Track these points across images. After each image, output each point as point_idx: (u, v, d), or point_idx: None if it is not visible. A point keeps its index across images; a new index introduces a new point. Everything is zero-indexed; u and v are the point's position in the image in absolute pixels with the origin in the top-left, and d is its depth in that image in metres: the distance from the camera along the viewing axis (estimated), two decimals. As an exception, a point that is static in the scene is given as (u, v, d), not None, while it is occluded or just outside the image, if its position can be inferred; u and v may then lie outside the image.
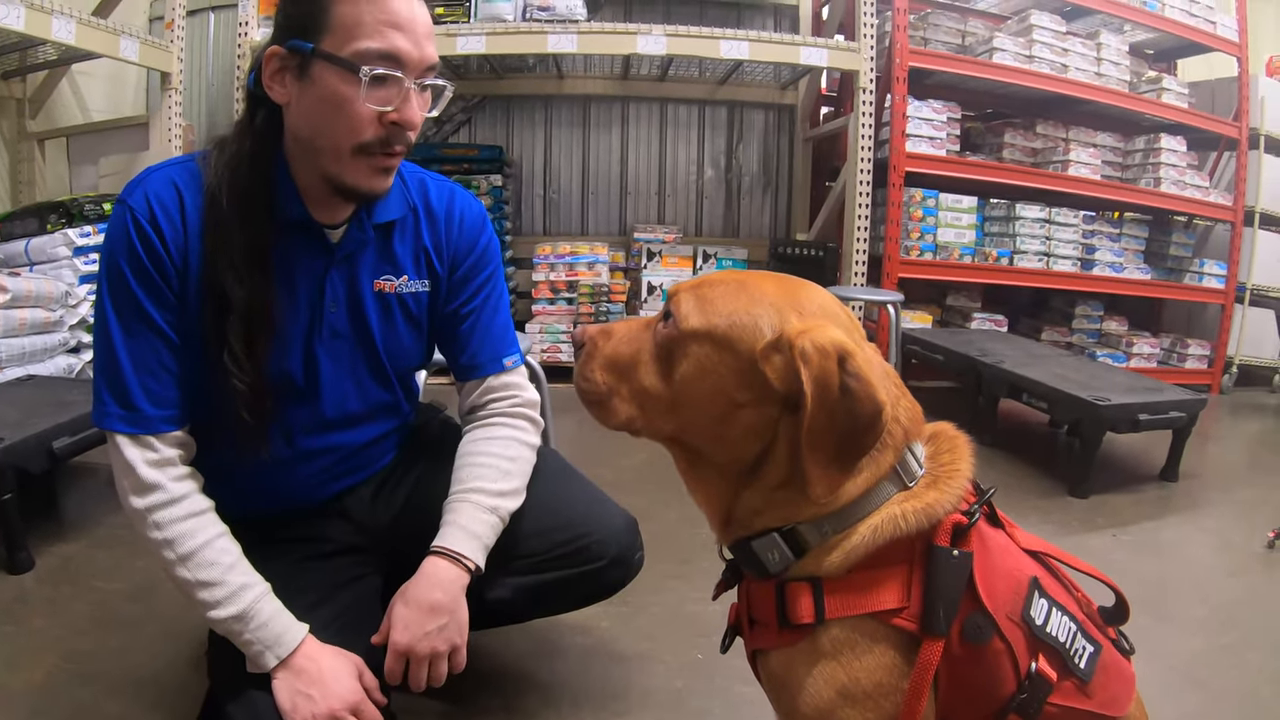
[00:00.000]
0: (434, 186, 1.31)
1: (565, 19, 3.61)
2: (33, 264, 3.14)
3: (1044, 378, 2.96)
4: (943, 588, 0.75)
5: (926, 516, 0.77)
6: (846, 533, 0.78)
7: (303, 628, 1.12)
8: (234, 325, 1.07)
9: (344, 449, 1.29)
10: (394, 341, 1.28)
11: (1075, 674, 0.79)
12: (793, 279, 0.85)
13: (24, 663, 1.53)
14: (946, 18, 4.19)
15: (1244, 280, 4.52)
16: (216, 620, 1.08)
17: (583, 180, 4.76)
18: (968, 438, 0.86)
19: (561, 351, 3.97)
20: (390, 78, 1.04)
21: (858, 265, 3.94)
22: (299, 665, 1.09)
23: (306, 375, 1.21)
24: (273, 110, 1.11)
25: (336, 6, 1.03)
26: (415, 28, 1.06)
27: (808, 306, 0.80)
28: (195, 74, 4.45)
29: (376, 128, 1.06)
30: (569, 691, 1.53)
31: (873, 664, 0.76)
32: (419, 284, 1.28)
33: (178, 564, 1.08)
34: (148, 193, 1.08)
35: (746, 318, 0.79)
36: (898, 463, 0.79)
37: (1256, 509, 2.69)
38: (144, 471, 1.08)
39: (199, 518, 1.10)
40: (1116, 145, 4.41)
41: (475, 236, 1.32)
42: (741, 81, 4.63)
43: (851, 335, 0.79)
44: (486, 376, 1.34)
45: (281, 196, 1.13)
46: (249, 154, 1.10)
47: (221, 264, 1.07)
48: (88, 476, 2.49)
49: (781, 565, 0.80)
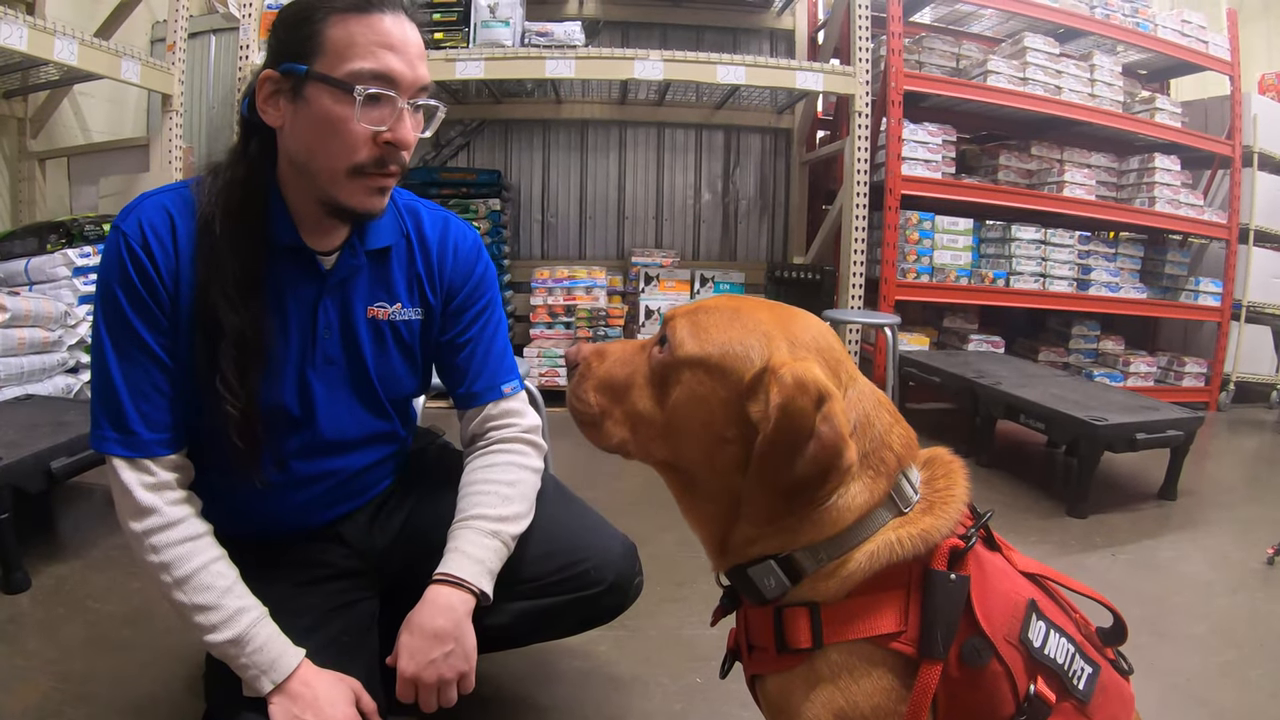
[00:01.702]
0: (427, 215, 1.31)
1: (563, 44, 3.64)
2: (32, 283, 3.15)
3: (1041, 398, 2.96)
4: (940, 611, 0.75)
5: (923, 542, 0.77)
6: (843, 559, 0.78)
7: (299, 652, 1.11)
8: (226, 351, 1.08)
9: (339, 475, 1.28)
10: (387, 368, 1.27)
11: (1074, 695, 0.79)
12: (788, 309, 0.85)
13: (18, 684, 1.52)
14: (941, 41, 4.23)
15: (1240, 297, 4.55)
16: (212, 644, 1.08)
17: (580, 204, 4.78)
18: (963, 462, 0.86)
19: (559, 376, 3.96)
20: (384, 97, 1.05)
21: (855, 288, 3.96)
22: (295, 690, 1.08)
23: (300, 402, 1.20)
24: (266, 136, 1.12)
25: (329, 29, 1.04)
26: (408, 49, 1.07)
27: (801, 337, 0.80)
28: (196, 96, 4.48)
29: (371, 148, 1.07)
30: (567, 715, 1.52)
31: (871, 688, 0.76)
32: (412, 312, 1.28)
33: (174, 587, 1.08)
34: (141, 219, 1.09)
35: (739, 347, 0.79)
36: (892, 489, 0.80)
37: (1255, 526, 2.68)
38: (140, 495, 1.08)
39: (195, 541, 1.10)
40: (1111, 165, 4.44)
41: (471, 266, 1.32)
42: (738, 106, 4.66)
43: (840, 371, 0.80)
44: (485, 405, 1.33)
45: (275, 222, 1.13)
46: (242, 180, 1.11)
47: (214, 290, 1.07)
48: (85, 497, 2.48)
49: (778, 592, 0.80)
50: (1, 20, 2.66)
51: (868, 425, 0.80)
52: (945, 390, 3.49)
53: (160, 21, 4.43)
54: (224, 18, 4.45)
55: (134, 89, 4.03)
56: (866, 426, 0.80)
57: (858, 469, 0.78)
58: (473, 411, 1.35)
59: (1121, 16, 4.23)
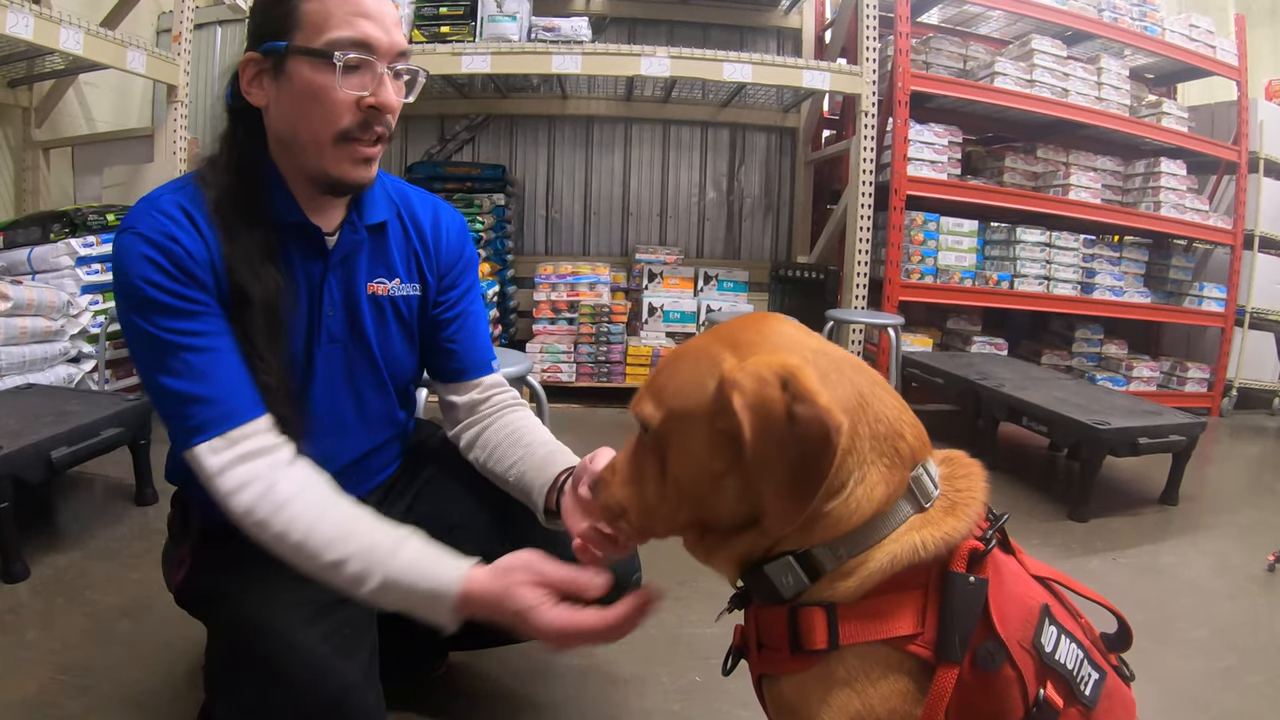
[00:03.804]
0: (416, 196, 1.34)
1: (570, 40, 3.63)
2: (35, 273, 3.15)
3: (1044, 401, 2.96)
4: (958, 614, 0.74)
5: (945, 544, 0.76)
6: (863, 558, 0.76)
7: (460, 566, 0.98)
8: (255, 321, 1.09)
9: (342, 457, 1.28)
10: (388, 345, 1.30)
11: (1081, 701, 0.78)
12: (740, 320, 0.82)
13: (16, 675, 1.52)
14: (948, 42, 4.22)
15: (1243, 303, 4.54)
16: (367, 598, 0.98)
17: (585, 200, 4.78)
18: (981, 464, 0.85)
19: (561, 371, 3.97)
20: (363, 63, 1.08)
21: (858, 288, 3.95)
22: (478, 599, 0.96)
23: (305, 380, 1.21)
24: (254, 121, 1.15)
25: (305, 4, 1.07)
26: (383, 17, 1.10)
27: (749, 339, 0.77)
28: (201, 88, 4.47)
29: (354, 113, 1.09)
30: (565, 713, 1.52)
31: (888, 691, 0.75)
32: (410, 287, 1.30)
33: (295, 555, 1.00)
34: (155, 212, 1.07)
35: (691, 384, 0.77)
36: (912, 482, 0.78)
37: (1256, 532, 2.68)
38: (223, 479, 1.01)
39: (296, 501, 1.02)
40: (1117, 169, 4.43)
41: (461, 246, 1.37)
42: (744, 104, 4.66)
43: (814, 358, 0.76)
44: (483, 376, 1.37)
45: (278, 202, 1.15)
46: (236, 164, 1.13)
47: (238, 264, 1.09)
48: (85, 487, 2.48)
49: (796, 590, 0.78)
50: (8, 8, 2.65)
51: (864, 405, 0.76)
52: (948, 392, 3.49)
53: (166, 12, 4.43)
54: (230, 9, 4.45)
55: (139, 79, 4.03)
56: (864, 407, 0.76)
57: (870, 455, 0.76)
58: (468, 383, 1.37)
59: (1129, 20, 4.22)
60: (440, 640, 1.46)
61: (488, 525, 1.32)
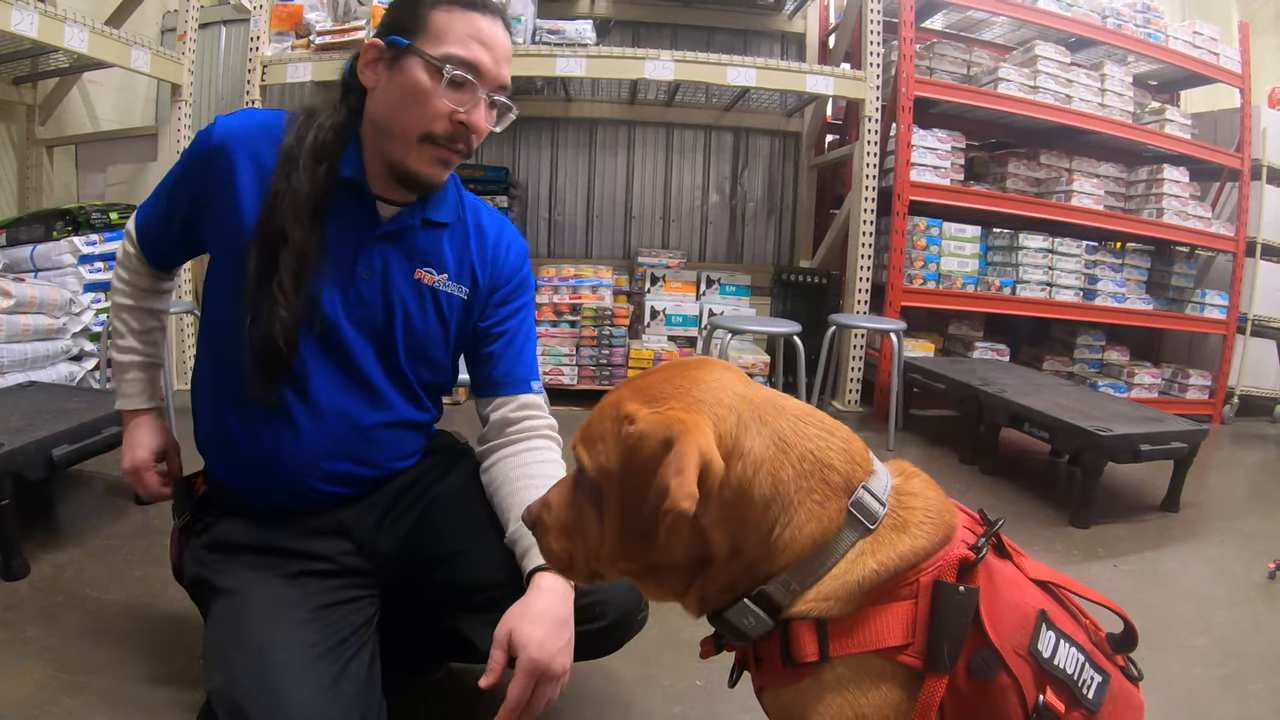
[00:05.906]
0: (486, 212, 1.41)
1: (574, 43, 3.64)
2: (38, 270, 3.16)
3: (1045, 407, 2.95)
4: (947, 624, 0.74)
5: (899, 565, 0.76)
6: (815, 589, 0.77)
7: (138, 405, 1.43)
8: (286, 260, 1.17)
9: (350, 419, 1.28)
10: (421, 328, 1.31)
11: (1084, 704, 0.78)
12: (663, 370, 0.83)
13: (15, 671, 1.52)
14: (952, 48, 4.23)
15: (1245, 311, 4.54)
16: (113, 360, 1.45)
17: (588, 203, 4.78)
18: (922, 473, 0.86)
19: (564, 374, 3.97)
20: (467, 83, 1.18)
21: (860, 293, 3.95)
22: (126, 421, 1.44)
23: (328, 331, 1.24)
24: (360, 97, 1.25)
25: (435, 14, 1.18)
26: (496, 48, 1.21)
27: (651, 390, 0.79)
28: (205, 87, 4.49)
29: (445, 124, 1.19)
30: (565, 715, 1.51)
31: (879, 700, 0.75)
32: (457, 287, 1.34)
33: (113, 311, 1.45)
34: (236, 119, 1.25)
35: (608, 434, 0.79)
36: (851, 505, 0.78)
37: (1257, 539, 2.68)
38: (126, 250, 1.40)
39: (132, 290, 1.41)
40: (1119, 175, 4.43)
41: (519, 266, 1.42)
42: (747, 108, 4.67)
43: (743, 405, 0.78)
44: (521, 394, 1.38)
45: (346, 165, 1.23)
46: (332, 124, 1.23)
47: (285, 205, 1.18)
48: (85, 485, 2.48)
49: (761, 629, 0.79)
50: (13, 6, 2.66)
51: (786, 448, 0.77)
52: (950, 397, 3.48)
53: (171, 11, 4.44)
54: (235, 9, 4.46)
55: (143, 78, 4.04)
56: (785, 449, 0.77)
57: (796, 496, 0.76)
58: (504, 398, 1.37)
59: (1133, 27, 4.23)
60: (439, 649, 1.47)
61: (487, 559, 1.28)
